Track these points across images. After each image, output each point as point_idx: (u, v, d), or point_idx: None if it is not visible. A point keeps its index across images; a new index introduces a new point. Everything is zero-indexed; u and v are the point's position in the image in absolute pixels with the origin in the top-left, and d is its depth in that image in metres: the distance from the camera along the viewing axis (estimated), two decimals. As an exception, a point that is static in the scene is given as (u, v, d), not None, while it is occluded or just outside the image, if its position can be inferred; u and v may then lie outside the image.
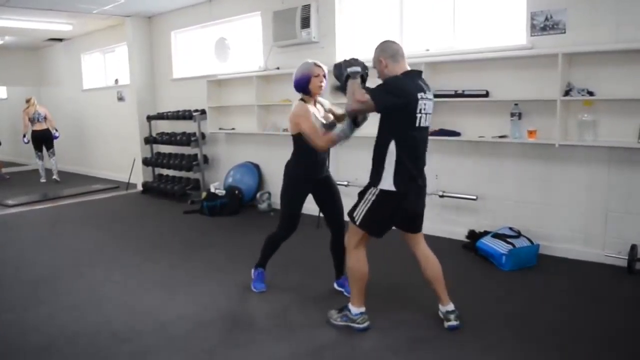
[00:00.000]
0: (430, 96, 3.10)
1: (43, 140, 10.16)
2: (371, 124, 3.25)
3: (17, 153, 12.76)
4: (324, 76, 3.63)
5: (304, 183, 3.75)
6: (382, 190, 3.07)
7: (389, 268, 4.30)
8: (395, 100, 2.98)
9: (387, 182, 3.05)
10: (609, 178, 4.35)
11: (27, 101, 10.10)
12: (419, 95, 3.00)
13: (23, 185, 9.90)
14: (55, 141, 10.26)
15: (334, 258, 3.94)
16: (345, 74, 3.10)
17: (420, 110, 3.01)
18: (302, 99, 3.67)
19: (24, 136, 10.20)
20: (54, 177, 10.27)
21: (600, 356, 2.93)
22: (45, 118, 10.12)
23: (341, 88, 3.18)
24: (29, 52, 12.26)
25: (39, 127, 10.07)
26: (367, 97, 2.96)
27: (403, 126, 3.03)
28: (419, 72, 3.17)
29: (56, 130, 10.26)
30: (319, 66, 3.63)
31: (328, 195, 3.83)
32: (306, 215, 4.45)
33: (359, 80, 3.07)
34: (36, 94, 12.25)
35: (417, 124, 3.02)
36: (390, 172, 3.04)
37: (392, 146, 3.02)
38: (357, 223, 3.18)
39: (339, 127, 3.33)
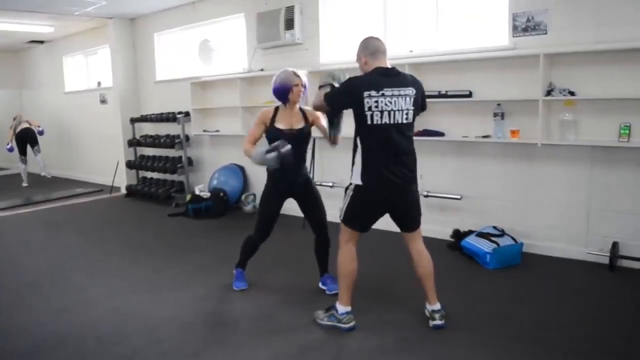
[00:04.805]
0: (400, 92, 3.06)
1: (27, 138, 10.18)
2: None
3: (-2, 157, 12.62)
4: (304, 85, 3.71)
5: (279, 187, 3.79)
6: (355, 185, 3.17)
7: (378, 268, 4.31)
8: (340, 97, 3.18)
9: (357, 177, 3.15)
10: (591, 177, 4.41)
11: (14, 119, 10.35)
12: (366, 93, 3.01)
13: (4, 189, 9.77)
14: (40, 137, 10.30)
15: (317, 258, 4.00)
16: (320, 85, 3.36)
17: (370, 107, 3.02)
18: (278, 106, 3.79)
19: (8, 144, 10.23)
20: (43, 173, 10.22)
21: (584, 352, 2.97)
22: (27, 121, 10.26)
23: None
24: (9, 54, 12.10)
25: (21, 127, 10.17)
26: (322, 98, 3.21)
27: (359, 124, 3.13)
28: (388, 69, 3.14)
29: (39, 126, 10.31)
30: (298, 76, 3.70)
31: (309, 200, 3.87)
32: (292, 217, 4.47)
33: (327, 88, 3.28)
34: (17, 97, 12.19)
35: (369, 122, 3.05)
36: (358, 167, 3.14)
37: (358, 143, 3.15)
38: (340, 219, 3.29)
39: (259, 150, 3.55)
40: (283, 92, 3.69)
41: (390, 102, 3.05)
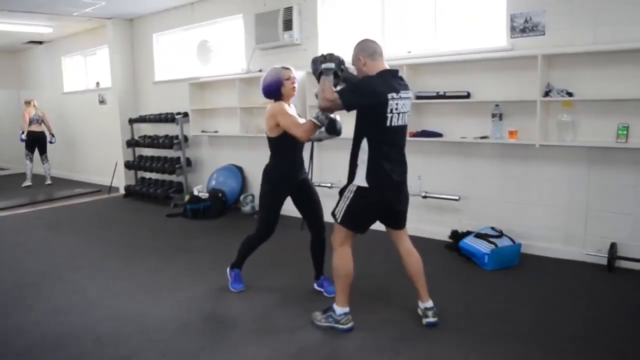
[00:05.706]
0: (405, 95, 3.12)
1: (37, 142, 10.09)
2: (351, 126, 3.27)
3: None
4: (295, 78, 3.67)
5: (282, 186, 3.77)
6: (358, 187, 3.14)
7: (373, 268, 4.32)
8: (362, 100, 3.07)
9: (361, 178, 3.12)
10: (589, 177, 4.42)
11: (28, 103, 10.07)
12: (390, 95, 3.03)
13: (4, 189, 9.75)
14: (49, 146, 10.21)
15: (313, 259, 3.98)
16: (319, 69, 3.20)
17: (392, 110, 3.04)
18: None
19: (22, 133, 10.00)
20: (48, 182, 10.16)
21: (582, 352, 2.97)
22: (42, 122, 10.09)
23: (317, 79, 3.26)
24: (8, 54, 12.10)
25: (35, 128, 10.02)
26: (335, 95, 3.06)
27: (374, 125, 3.09)
28: (395, 72, 3.18)
29: (52, 135, 10.20)
30: (288, 68, 3.67)
31: (307, 197, 3.85)
32: (290, 217, 4.47)
33: (331, 77, 3.16)
34: (15, 97, 12.14)
35: (388, 123, 3.06)
36: (363, 169, 3.12)
37: (365, 144, 3.11)
38: (338, 220, 3.25)
39: (314, 115, 3.35)
40: (275, 88, 3.64)
41: (403, 105, 3.10)
